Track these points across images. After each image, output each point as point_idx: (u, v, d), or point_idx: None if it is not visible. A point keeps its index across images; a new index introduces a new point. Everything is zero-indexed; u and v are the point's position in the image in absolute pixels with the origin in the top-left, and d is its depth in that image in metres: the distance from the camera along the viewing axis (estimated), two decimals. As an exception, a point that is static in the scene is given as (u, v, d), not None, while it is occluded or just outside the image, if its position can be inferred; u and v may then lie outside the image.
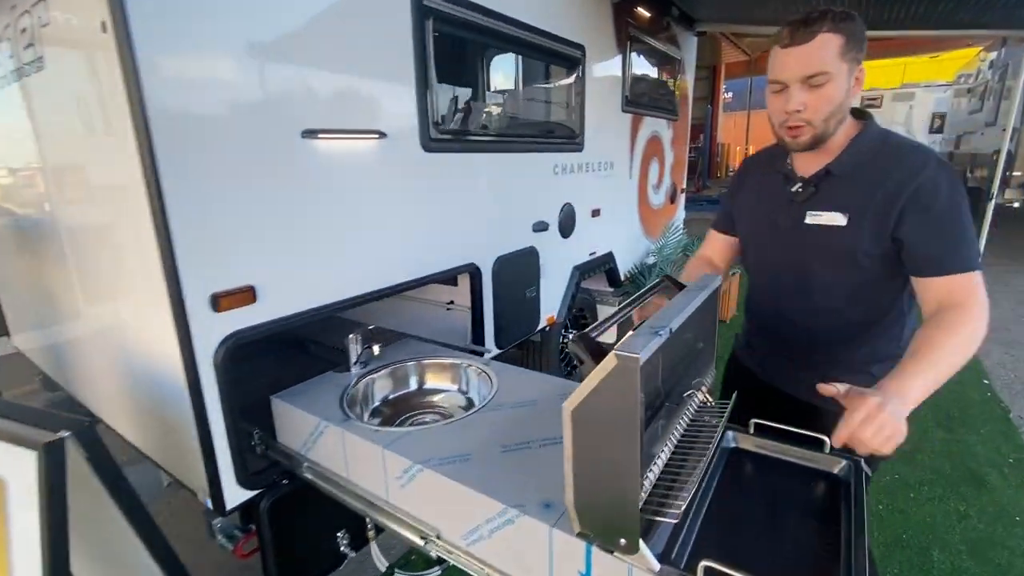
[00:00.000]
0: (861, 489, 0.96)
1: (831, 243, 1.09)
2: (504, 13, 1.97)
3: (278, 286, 1.34)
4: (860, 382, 0.96)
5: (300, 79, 1.33)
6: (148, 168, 1.06)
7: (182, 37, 1.09)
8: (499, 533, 0.95)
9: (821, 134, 1.04)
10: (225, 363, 1.25)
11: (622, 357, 0.71)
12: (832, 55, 0.97)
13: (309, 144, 1.36)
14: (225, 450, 1.30)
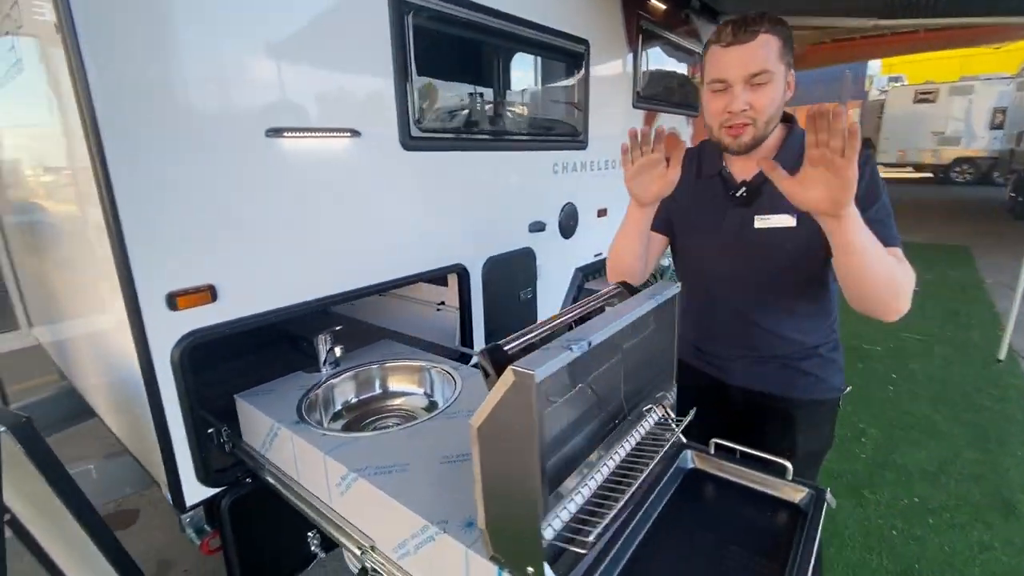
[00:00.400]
0: (817, 522, 0.86)
1: (784, 244, 1.09)
2: (494, 7, 1.92)
3: (240, 285, 1.34)
4: (815, 366, 1.17)
5: (265, 76, 1.32)
6: (98, 167, 1.07)
7: (130, 35, 1.09)
8: (423, 549, 0.91)
9: (761, 135, 1.03)
10: (183, 362, 1.25)
11: (519, 373, 0.65)
12: (773, 55, 0.97)
13: (274, 143, 1.35)
14: (185, 447, 1.31)
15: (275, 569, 1.55)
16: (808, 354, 1.17)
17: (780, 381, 1.19)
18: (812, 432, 1.21)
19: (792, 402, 1.19)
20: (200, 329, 1.28)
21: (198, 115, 1.22)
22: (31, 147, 1.62)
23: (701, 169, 1.20)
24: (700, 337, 1.28)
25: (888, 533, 2.04)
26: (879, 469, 2.43)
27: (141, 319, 1.18)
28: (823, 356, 1.18)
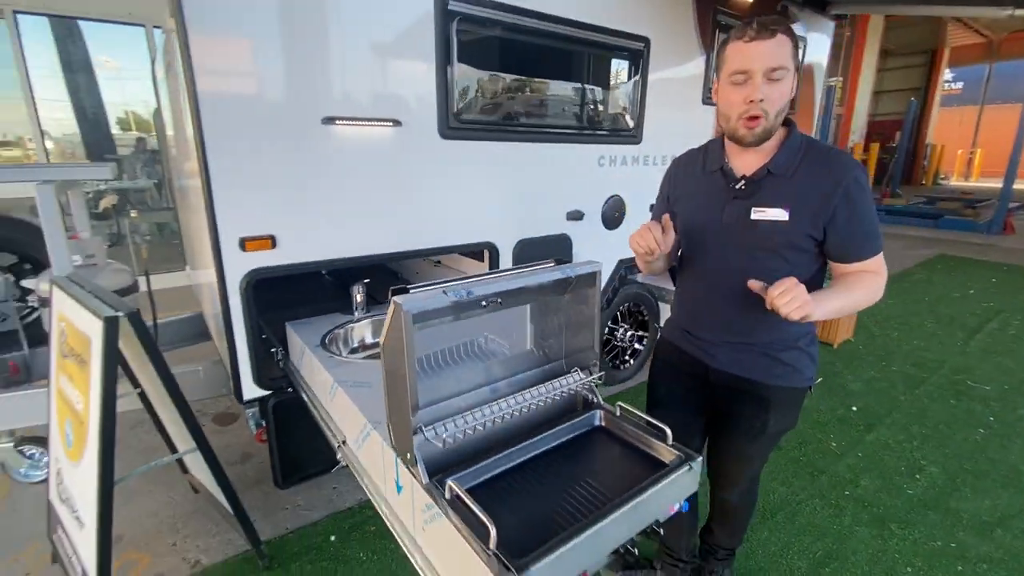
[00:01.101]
0: (670, 473, 0.98)
1: (775, 235, 1.21)
2: (540, 11, 2.11)
3: (294, 238, 1.74)
4: (793, 358, 1.30)
5: (322, 75, 1.68)
6: (198, 141, 1.51)
7: (225, 41, 1.50)
8: (365, 443, 1.20)
9: (771, 127, 1.16)
10: (247, 291, 1.68)
11: (396, 304, 0.89)
12: (788, 53, 1.11)
13: (328, 129, 1.72)
14: (246, 355, 1.75)
15: (306, 465, 1.97)
16: (788, 346, 1.30)
17: (760, 368, 1.32)
18: (783, 415, 1.37)
19: (769, 388, 1.33)
20: (262, 268, 1.70)
21: (269, 107, 1.61)
22: (176, 126, 2.19)
23: (706, 164, 1.33)
24: (691, 322, 1.42)
25: (900, 569, 1.90)
26: (922, 508, 2.22)
27: (221, 256, 1.62)
28: (801, 349, 1.32)
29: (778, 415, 1.35)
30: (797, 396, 1.36)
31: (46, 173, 1.93)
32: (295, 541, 1.98)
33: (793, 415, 1.40)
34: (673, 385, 1.51)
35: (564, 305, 1.21)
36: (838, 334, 3.93)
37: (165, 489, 2.27)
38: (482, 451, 1.05)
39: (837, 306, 1.15)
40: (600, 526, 0.85)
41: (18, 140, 4.71)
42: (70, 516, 1.62)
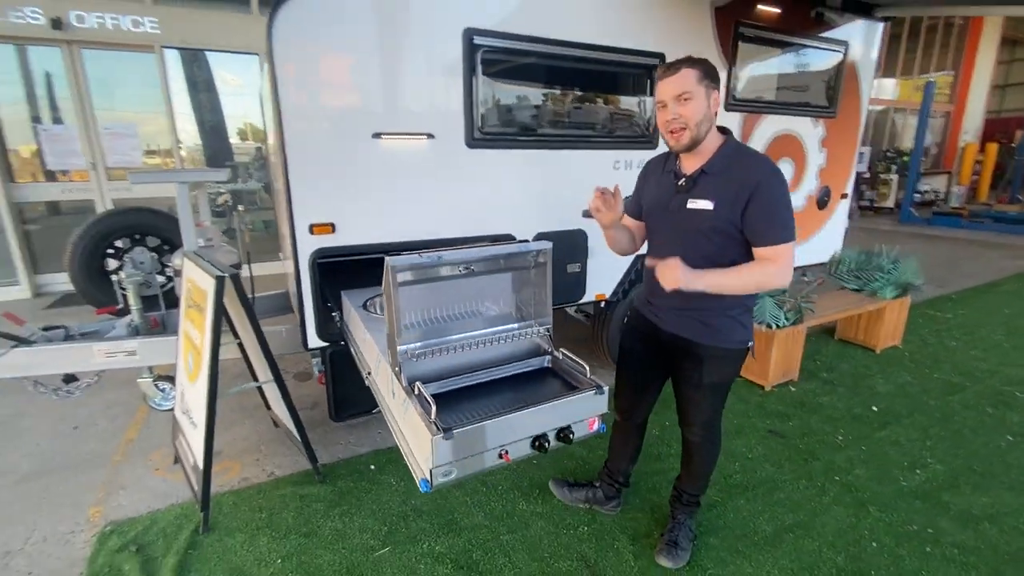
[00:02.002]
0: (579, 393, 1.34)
1: (704, 221, 1.53)
2: (557, 38, 2.48)
3: (349, 226, 2.26)
4: (723, 324, 1.62)
5: (371, 98, 2.18)
6: (281, 149, 2.06)
7: (301, 73, 2.04)
8: (379, 368, 1.65)
9: (695, 136, 1.47)
10: (313, 265, 2.22)
11: (387, 261, 1.33)
12: (692, 81, 1.43)
13: (377, 142, 2.22)
14: (311, 314, 2.29)
15: (353, 405, 2.49)
16: (720, 313, 1.61)
17: (696, 330, 1.65)
18: (715, 369, 1.68)
19: (704, 347, 1.64)
20: (324, 248, 2.23)
21: (332, 124, 2.14)
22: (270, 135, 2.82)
23: (665, 166, 1.68)
24: (649, 292, 1.77)
25: (865, 543, 2.05)
26: (910, 497, 2.31)
27: (296, 237, 2.17)
28: (732, 317, 1.62)
29: (711, 369, 1.67)
30: (728, 355, 1.67)
31: (183, 176, 2.62)
32: (343, 466, 2.51)
33: (726, 370, 1.70)
34: (635, 344, 1.87)
35: (533, 278, 1.59)
36: (881, 339, 3.88)
37: (254, 423, 2.91)
38: (455, 373, 1.47)
39: (717, 282, 1.47)
40: (513, 416, 1.23)
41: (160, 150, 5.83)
42: (188, 422, 2.25)
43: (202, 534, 2.06)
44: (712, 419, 1.84)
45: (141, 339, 2.61)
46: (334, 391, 2.45)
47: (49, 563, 1.93)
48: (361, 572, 1.88)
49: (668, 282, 1.40)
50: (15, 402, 3.09)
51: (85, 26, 4.98)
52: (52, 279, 5.46)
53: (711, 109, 1.48)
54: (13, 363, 2.42)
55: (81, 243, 3.54)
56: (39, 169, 5.37)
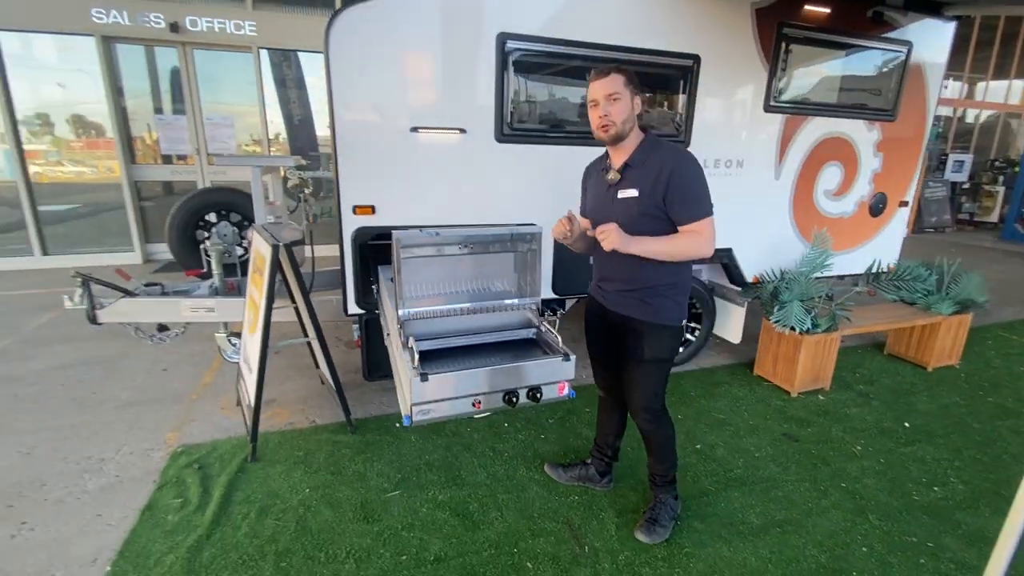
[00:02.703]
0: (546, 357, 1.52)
1: (633, 208, 1.71)
2: (588, 40, 2.63)
3: (388, 208, 2.56)
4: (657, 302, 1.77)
5: (411, 97, 2.46)
6: (333, 138, 2.38)
7: (351, 74, 2.35)
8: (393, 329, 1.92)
9: (620, 132, 1.68)
10: (354, 241, 2.54)
11: (395, 234, 1.58)
12: (620, 84, 1.65)
13: (414, 135, 2.49)
14: (351, 284, 2.62)
15: (385, 367, 2.80)
16: (652, 292, 1.78)
17: (632, 307, 1.81)
18: (652, 344, 1.81)
19: (641, 323, 1.80)
20: (365, 227, 2.54)
21: (377, 117, 2.44)
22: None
23: (600, 168, 1.88)
24: (597, 276, 1.93)
25: (855, 547, 2.05)
26: (919, 512, 2.25)
27: (341, 217, 2.50)
28: (663, 295, 1.78)
29: (649, 344, 1.81)
30: (663, 331, 1.81)
31: (256, 161, 3.05)
32: (374, 421, 2.83)
33: (662, 346, 1.82)
34: (592, 324, 2.01)
35: (527, 260, 1.79)
36: (933, 357, 3.66)
37: (305, 380, 3.32)
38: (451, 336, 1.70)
39: (648, 247, 1.64)
40: (485, 369, 1.44)
41: (257, 141, 6.55)
42: (246, 368, 2.65)
43: (250, 462, 2.44)
44: (654, 401, 1.93)
45: (219, 299, 3.07)
46: (368, 353, 2.77)
47: (133, 471, 2.39)
48: (373, 507, 2.17)
49: (607, 243, 1.59)
50: (121, 345, 3.72)
51: (197, 29, 5.73)
52: (159, 248, 6.33)
53: (634, 111, 1.70)
54: (120, 310, 2.95)
55: (178, 215, 4.16)
56: (155, 153, 6.24)
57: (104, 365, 3.46)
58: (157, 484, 2.29)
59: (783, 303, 3.14)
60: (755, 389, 3.34)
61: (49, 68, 5.74)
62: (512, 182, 2.75)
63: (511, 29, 2.50)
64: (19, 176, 5.67)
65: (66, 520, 2.06)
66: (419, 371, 1.39)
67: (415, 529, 2.06)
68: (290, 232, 3.40)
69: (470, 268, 1.77)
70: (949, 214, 10.11)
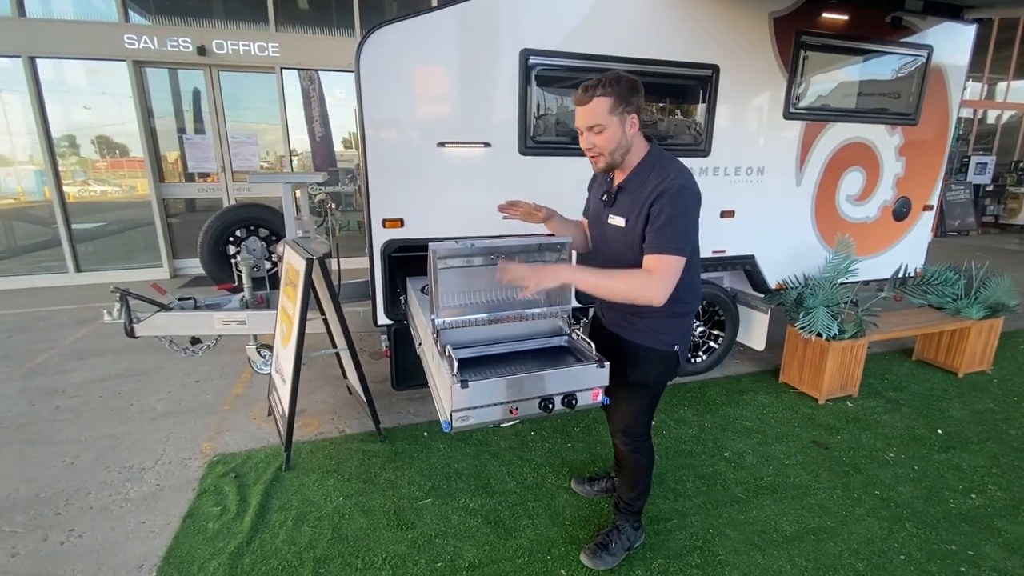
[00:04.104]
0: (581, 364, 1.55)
1: (620, 236, 1.60)
2: (608, 54, 2.69)
3: (416, 221, 2.62)
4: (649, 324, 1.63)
5: (437, 113, 2.53)
6: (363, 153, 2.46)
7: (379, 90, 2.43)
8: (426, 339, 1.96)
9: (611, 162, 1.56)
10: (384, 254, 2.60)
11: (431, 246, 1.63)
12: (603, 112, 1.47)
13: (441, 150, 2.56)
14: (380, 296, 2.68)
15: (413, 377, 2.84)
16: (644, 316, 1.63)
17: (624, 327, 1.70)
18: (639, 367, 1.69)
19: (631, 344, 1.68)
20: (394, 239, 2.61)
21: (404, 134, 2.51)
22: (362, 147, 3.28)
23: (606, 176, 1.70)
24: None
25: (893, 555, 2.02)
26: (957, 520, 2.21)
27: (371, 229, 2.57)
28: (654, 316, 1.61)
29: (635, 367, 1.68)
30: (650, 355, 1.66)
31: (287, 178, 3.15)
32: (402, 431, 2.88)
33: (646, 370, 1.68)
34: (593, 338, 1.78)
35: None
36: (965, 362, 3.60)
37: (333, 390, 3.38)
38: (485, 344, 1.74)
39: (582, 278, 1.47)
40: (521, 376, 1.47)
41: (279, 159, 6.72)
42: (279, 379, 2.72)
43: (284, 471, 2.50)
44: (634, 426, 1.80)
45: (250, 312, 3.15)
46: (396, 363, 2.82)
47: (172, 479, 2.46)
48: (406, 515, 2.20)
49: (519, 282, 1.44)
50: (154, 357, 3.82)
51: (223, 52, 5.93)
52: (186, 263, 6.51)
53: (627, 135, 1.51)
54: (156, 324, 3.05)
55: (210, 231, 4.28)
56: (181, 172, 6.44)
57: (140, 377, 3.56)
58: (196, 492, 2.35)
59: (808, 309, 3.13)
60: (781, 396, 3.31)
61: (78, 92, 5.98)
62: (535, 193, 2.78)
63: (534, 45, 2.57)
64: (55, 195, 5.88)
65: (112, 527, 2.13)
66: (459, 378, 1.43)
67: (448, 536, 2.08)
68: (319, 245, 3.49)
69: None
70: (973, 217, 9.93)
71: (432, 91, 2.51)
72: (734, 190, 3.19)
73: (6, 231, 6.21)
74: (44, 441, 2.77)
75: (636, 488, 1.93)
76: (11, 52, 5.45)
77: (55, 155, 5.85)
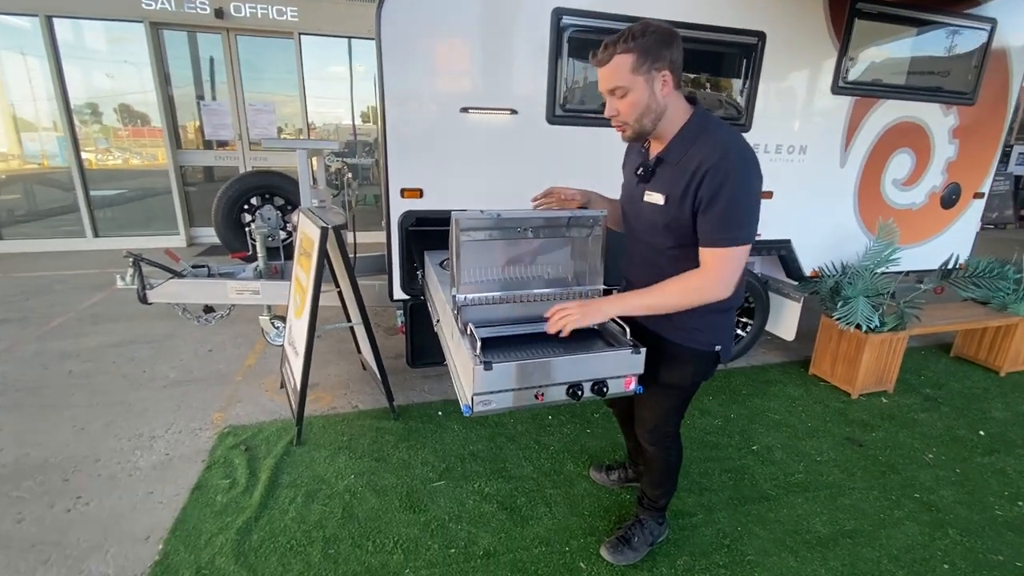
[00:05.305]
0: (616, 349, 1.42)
1: (656, 217, 1.38)
2: (646, 15, 2.48)
3: (436, 192, 2.48)
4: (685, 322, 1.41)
5: (461, 77, 2.37)
6: (382, 119, 2.32)
7: (401, 55, 2.28)
8: (445, 314, 1.85)
9: (640, 131, 1.32)
10: (401, 225, 2.48)
11: (454, 215, 1.49)
12: (624, 72, 1.23)
13: (464, 116, 2.41)
14: (397, 269, 2.57)
15: (428, 354, 2.75)
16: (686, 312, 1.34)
17: (659, 324, 1.48)
18: (672, 368, 1.50)
19: (666, 342, 1.47)
20: (412, 210, 2.48)
21: (426, 101, 2.36)
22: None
23: (643, 147, 1.48)
24: (624, 273, 1.68)
25: (936, 563, 1.89)
26: (1003, 528, 2.07)
27: (388, 200, 2.44)
28: (695, 315, 1.36)
29: (670, 368, 1.49)
30: (691, 355, 1.47)
31: (303, 144, 3.03)
32: (416, 408, 2.79)
33: (685, 371, 1.50)
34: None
35: (588, 245, 1.68)
36: (1008, 361, 3.40)
37: (346, 364, 3.31)
38: (509, 323, 1.62)
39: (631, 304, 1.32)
40: (549, 360, 1.35)
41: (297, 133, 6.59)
42: (292, 352, 2.64)
43: (295, 445, 2.43)
44: (661, 426, 1.65)
45: (264, 282, 3.07)
46: (412, 340, 2.72)
47: (182, 449, 2.41)
48: (418, 496, 2.13)
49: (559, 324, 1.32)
50: (169, 325, 3.79)
51: (240, 15, 5.77)
52: (202, 232, 6.47)
53: (657, 97, 1.26)
54: (170, 291, 2.99)
55: (224, 197, 4.20)
56: (200, 139, 6.36)
57: (153, 344, 3.52)
58: (206, 464, 2.30)
59: (847, 299, 2.95)
60: (811, 389, 3.16)
61: (100, 59, 5.89)
62: (563, 165, 2.63)
63: (566, 4, 2.38)
64: (73, 162, 5.85)
65: (120, 496, 2.09)
66: (482, 359, 1.31)
67: (462, 521, 2.00)
68: (335, 215, 3.38)
69: (528, 253, 1.67)
70: (1012, 209, 9.48)
71: (456, 53, 2.35)
72: (774, 169, 2.98)
73: (27, 195, 6.21)
74: (56, 405, 2.74)
75: (662, 486, 1.82)
76: (28, 10, 5.36)
77: (72, 119, 5.79)
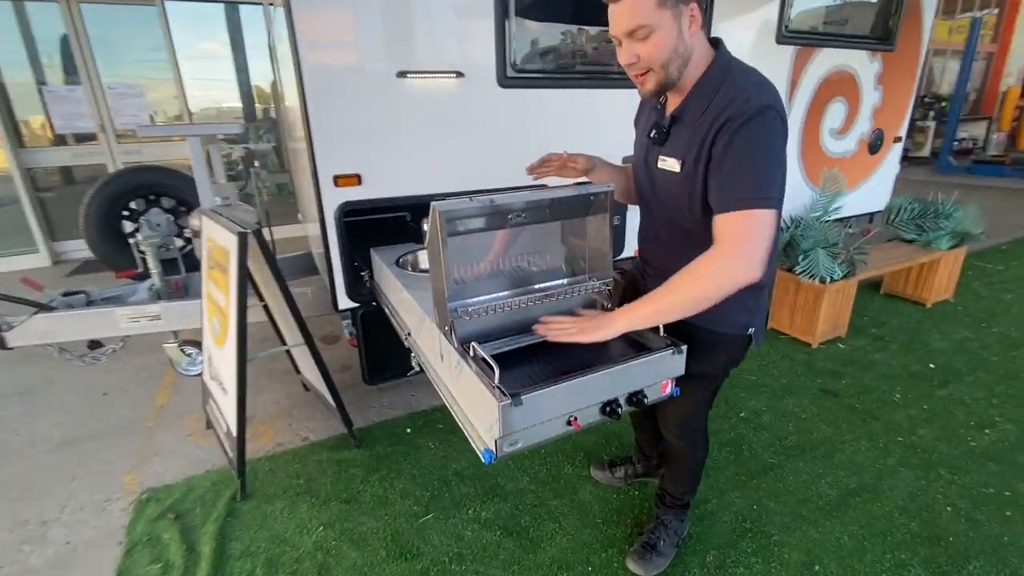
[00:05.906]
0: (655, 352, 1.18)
1: (671, 186, 1.18)
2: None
3: (376, 177, 2.08)
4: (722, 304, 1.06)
5: (396, 37, 1.96)
6: (301, 97, 1.87)
7: (320, 13, 1.82)
8: (422, 329, 1.51)
9: (666, 80, 1.09)
10: (339, 220, 2.06)
11: (434, 208, 1.15)
12: (648, 7, 1.01)
13: (402, 81, 2.01)
14: (340, 273, 2.15)
15: (387, 367, 2.38)
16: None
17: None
18: (704, 357, 1.27)
19: (693, 328, 1.22)
20: (351, 201, 2.06)
21: (354, 65, 1.93)
22: (286, 92, 2.61)
23: (657, 103, 1.26)
24: (641, 251, 1.48)
25: (939, 507, 1.92)
26: (982, 459, 2.16)
27: (320, 192, 2.00)
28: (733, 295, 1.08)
29: (700, 356, 1.26)
30: (722, 340, 1.28)
31: (195, 129, 2.44)
32: (379, 430, 2.43)
33: (715, 360, 1.32)
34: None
35: (588, 227, 1.41)
36: (932, 293, 3.65)
37: (284, 387, 2.84)
38: (507, 333, 1.32)
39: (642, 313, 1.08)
40: (585, 379, 1.08)
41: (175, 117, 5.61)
42: (218, 388, 2.16)
43: (240, 501, 2.00)
44: (690, 420, 1.49)
45: (164, 303, 2.50)
46: (367, 353, 2.33)
47: (87, 532, 1.89)
48: (407, 539, 1.81)
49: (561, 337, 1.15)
50: (42, 370, 3.04)
51: (80, -23, 4.71)
52: (71, 246, 5.40)
53: (685, 37, 1.05)
54: (35, 329, 2.34)
55: (94, 204, 3.41)
56: (49, 134, 5.22)
57: (24, 397, 2.81)
58: (125, 547, 1.81)
59: (806, 252, 2.96)
60: (774, 344, 3.19)
61: None
62: (521, 135, 2.32)
63: (510, -57, 2.03)
64: None
65: (5, 618, 1.57)
66: (508, 392, 1.01)
67: (466, 560, 1.72)
68: (246, 214, 2.83)
69: (521, 242, 1.38)
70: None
71: (389, 8, 1.93)
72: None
73: None
74: None
75: (688, 483, 1.68)
76: None
77: None
